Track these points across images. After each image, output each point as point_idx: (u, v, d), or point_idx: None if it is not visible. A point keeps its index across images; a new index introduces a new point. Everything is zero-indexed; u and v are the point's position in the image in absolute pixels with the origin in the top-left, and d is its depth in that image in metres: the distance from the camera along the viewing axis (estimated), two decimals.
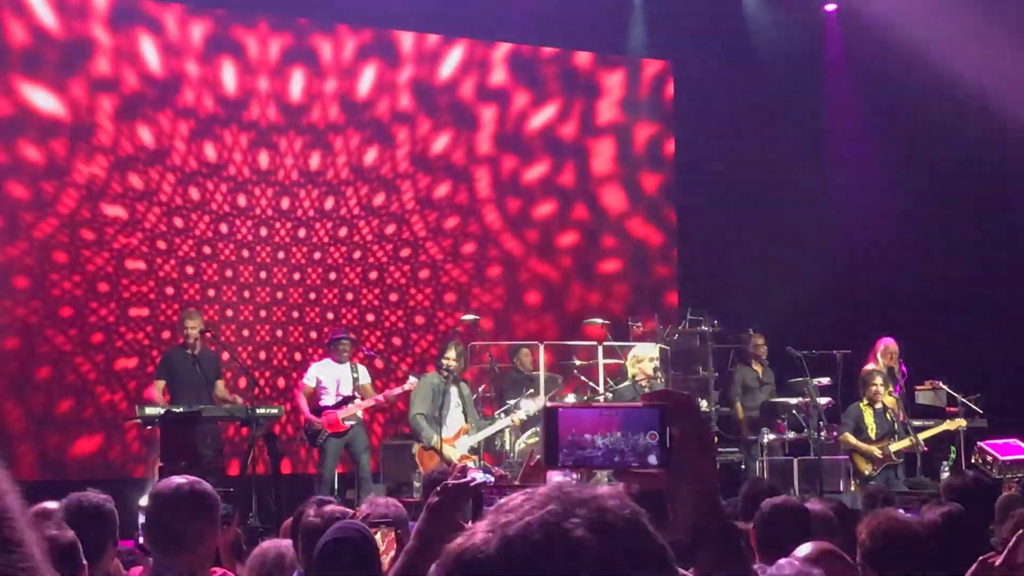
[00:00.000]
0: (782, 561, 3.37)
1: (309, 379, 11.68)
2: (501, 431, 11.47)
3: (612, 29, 15.35)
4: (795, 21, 15.42)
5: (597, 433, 1.72)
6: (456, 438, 10.90)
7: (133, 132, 12.97)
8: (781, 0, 15.34)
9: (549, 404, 1.76)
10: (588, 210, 15.37)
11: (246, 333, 13.44)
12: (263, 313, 13.57)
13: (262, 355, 13.49)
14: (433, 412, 10.84)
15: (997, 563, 3.60)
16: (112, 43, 12.92)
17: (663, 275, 15.67)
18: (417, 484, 10.59)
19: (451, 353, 11.09)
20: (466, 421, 11.01)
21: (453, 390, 11.06)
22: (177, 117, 13.21)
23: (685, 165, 15.70)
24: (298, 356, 13.62)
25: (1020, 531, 3.44)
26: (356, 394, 11.42)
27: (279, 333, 13.66)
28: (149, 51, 13.10)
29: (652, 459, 1.71)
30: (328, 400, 11.51)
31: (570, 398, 11.76)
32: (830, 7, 15.53)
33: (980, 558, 3.67)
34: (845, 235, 14.95)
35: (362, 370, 11.81)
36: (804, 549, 3.80)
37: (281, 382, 13.53)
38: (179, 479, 4.14)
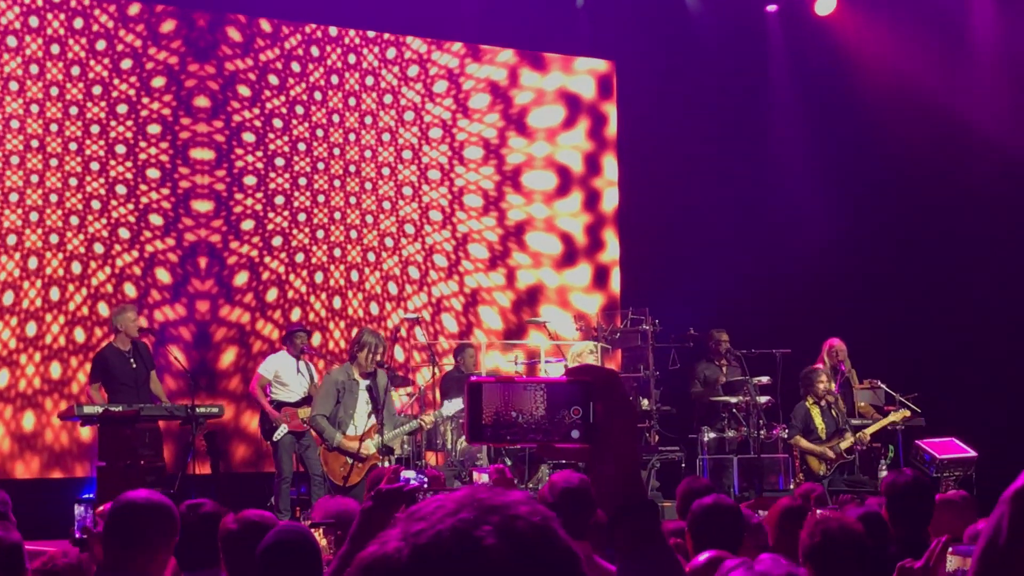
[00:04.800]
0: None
1: (265, 371, 11.60)
2: (439, 429, 11.41)
3: (556, 29, 15.36)
4: (737, 22, 15.52)
5: (520, 408, 1.71)
6: (367, 437, 10.14)
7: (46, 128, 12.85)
8: (723, 1, 15.42)
9: (473, 379, 1.74)
10: (530, 209, 15.40)
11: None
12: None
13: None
14: (337, 412, 10.18)
15: (916, 566, 3.64)
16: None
17: (605, 274, 15.71)
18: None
19: (374, 342, 10.26)
20: (377, 420, 10.18)
21: (363, 384, 10.25)
22: (89, 101, 13.08)
23: (628, 165, 15.77)
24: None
25: (941, 538, 3.50)
26: (312, 394, 11.32)
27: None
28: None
29: (575, 434, 1.70)
30: (283, 393, 11.46)
31: None
32: (771, 8, 15.64)
33: (899, 564, 3.70)
34: (785, 234, 15.05)
35: (312, 370, 11.77)
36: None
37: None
38: (148, 492, 4.22)
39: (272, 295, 13.76)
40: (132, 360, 10.94)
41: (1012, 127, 13.81)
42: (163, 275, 13.18)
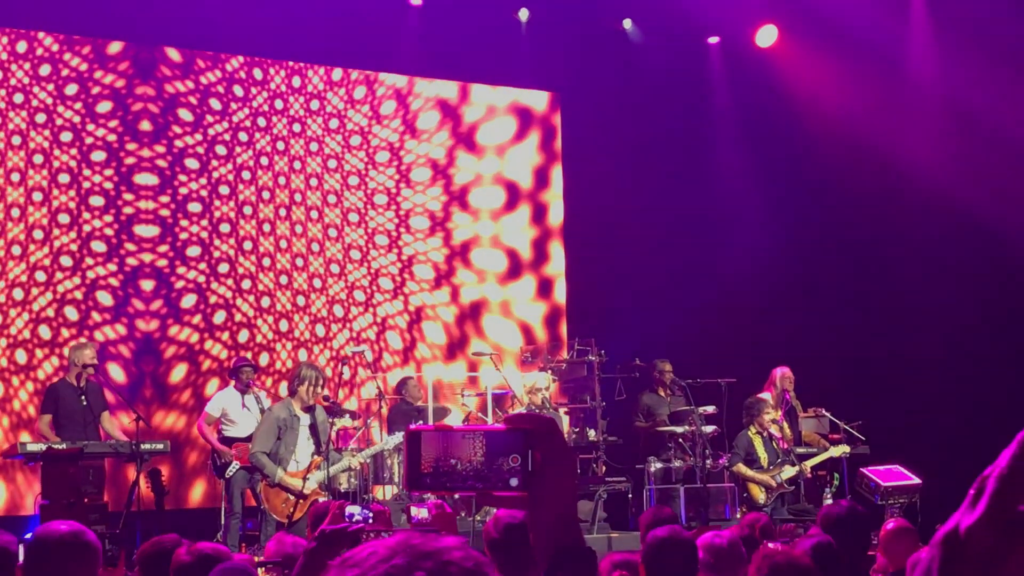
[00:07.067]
0: None
1: (213, 409, 11.53)
2: (386, 463, 11.34)
3: (499, 60, 15.34)
4: (679, 53, 15.62)
5: (459, 456, 1.71)
6: (308, 472, 9.98)
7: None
8: (665, 32, 15.51)
9: (411, 427, 1.74)
10: (476, 227, 15.41)
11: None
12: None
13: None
14: (277, 448, 9.96)
15: None
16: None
17: (551, 304, 15.71)
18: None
19: (313, 375, 10.15)
20: (322, 455, 10.04)
21: (305, 420, 10.14)
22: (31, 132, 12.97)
23: (572, 195, 15.79)
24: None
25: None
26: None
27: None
28: None
29: (514, 482, 1.70)
30: (232, 429, 11.37)
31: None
32: (712, 40, 15.78)
33: None
34: (729, 264, 15.13)
35: (265, 400, 11.69)
36: None
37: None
38: (62, 525, 4.02)
39: (220, 317, 13.71)
40: (83, 398, 10.85)
41: (944, 159, 13.98)
42: (104, 298, 13.09)
